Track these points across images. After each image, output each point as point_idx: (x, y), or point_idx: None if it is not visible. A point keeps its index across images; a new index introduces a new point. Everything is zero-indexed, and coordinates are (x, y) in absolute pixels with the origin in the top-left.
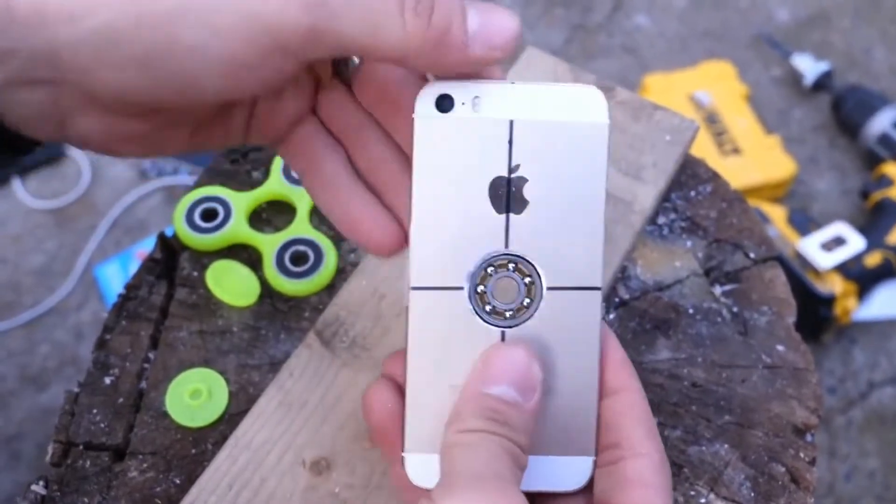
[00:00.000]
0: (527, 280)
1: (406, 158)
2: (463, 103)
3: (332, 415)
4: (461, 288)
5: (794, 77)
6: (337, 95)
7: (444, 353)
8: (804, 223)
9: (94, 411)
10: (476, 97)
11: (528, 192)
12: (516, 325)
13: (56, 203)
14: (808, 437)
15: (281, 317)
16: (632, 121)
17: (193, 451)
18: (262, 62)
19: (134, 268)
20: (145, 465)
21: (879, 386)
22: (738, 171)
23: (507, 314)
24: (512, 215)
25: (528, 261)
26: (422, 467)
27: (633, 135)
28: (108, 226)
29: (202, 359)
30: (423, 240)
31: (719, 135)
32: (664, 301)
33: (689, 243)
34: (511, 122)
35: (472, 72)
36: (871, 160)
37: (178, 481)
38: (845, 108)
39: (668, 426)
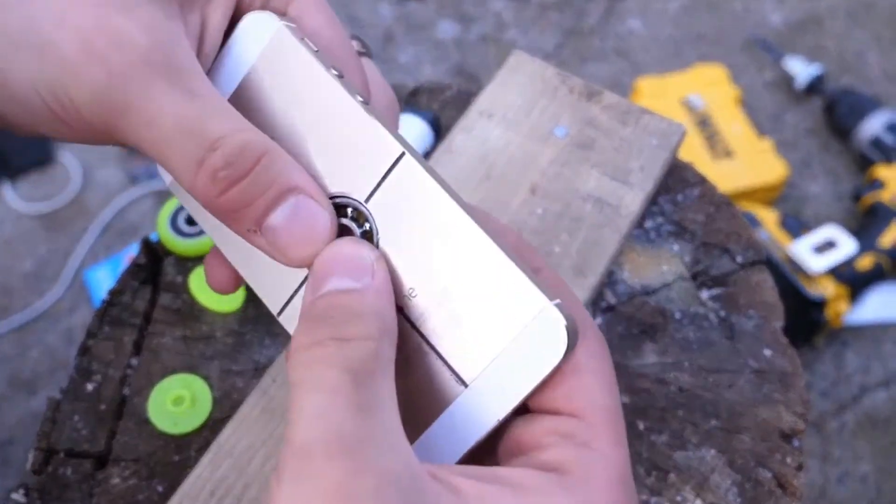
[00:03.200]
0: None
1: None
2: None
3: None
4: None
5: (787, 80)
6: None
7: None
8: (796, 226)
9: (76, 418)
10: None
11: None
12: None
13: (47, 207)
14: (795, 443)
15: (265, 322)
16: (619, 125)
17: (176, 457)
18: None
19: None
20: (127, 473)
21: (872, 390)
22: (730, 175)
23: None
24: None
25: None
26: None
27: (621, 139)
28: (99, 230)
29: (186, 364)
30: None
31: (711, 138)
32: (651, 305)
33: (676, 247)
34: None
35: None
36: (864, 163)
37: (160, 488)
38: (838, 112)
39: (654, 431)
